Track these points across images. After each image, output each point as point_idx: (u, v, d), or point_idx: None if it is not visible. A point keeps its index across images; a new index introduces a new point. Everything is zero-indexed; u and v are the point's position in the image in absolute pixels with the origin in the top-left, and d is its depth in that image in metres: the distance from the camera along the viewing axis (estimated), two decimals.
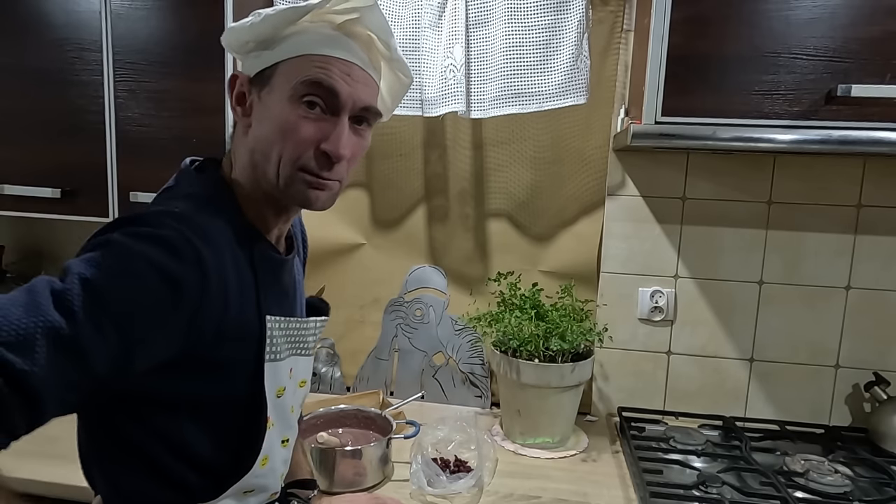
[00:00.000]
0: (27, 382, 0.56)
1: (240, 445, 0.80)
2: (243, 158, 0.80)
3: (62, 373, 0.58)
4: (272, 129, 0.76)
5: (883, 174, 1.42)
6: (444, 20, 1.46)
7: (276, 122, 0.76)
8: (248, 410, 0.79)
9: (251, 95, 0.79)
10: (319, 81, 0.75)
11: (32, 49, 1.40)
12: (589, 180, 1.56)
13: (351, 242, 1.69)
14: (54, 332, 0.57)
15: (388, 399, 1.55)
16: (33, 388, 0.56)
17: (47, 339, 0.57)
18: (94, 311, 0.60)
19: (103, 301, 0.61)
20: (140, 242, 0.65)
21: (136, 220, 0.68)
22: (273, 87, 0.77)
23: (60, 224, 1.50)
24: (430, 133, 1.61)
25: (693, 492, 1.16)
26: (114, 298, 0.61)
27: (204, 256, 0.68)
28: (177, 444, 0.75)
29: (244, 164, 0.80)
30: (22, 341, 0.56)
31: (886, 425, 1.37)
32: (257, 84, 0.78)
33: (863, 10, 1.08)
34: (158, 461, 0.75)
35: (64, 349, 0.58)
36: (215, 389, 0.76)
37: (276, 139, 0.76)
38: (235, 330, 0.75)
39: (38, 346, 0.56)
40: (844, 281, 1.46)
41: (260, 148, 0.77)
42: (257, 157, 0.78)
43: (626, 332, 1.54)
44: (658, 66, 1.14)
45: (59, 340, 0.58)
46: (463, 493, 1.15)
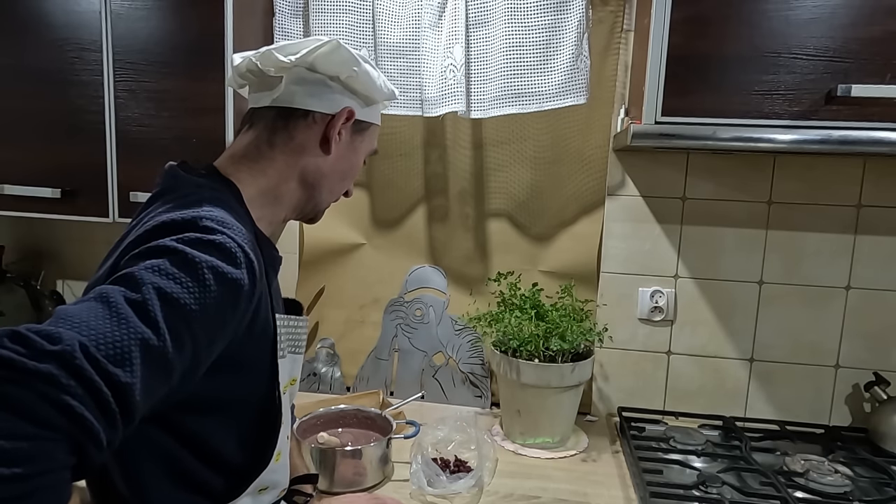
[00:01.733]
0: (131, 395, 0.55)
1: (258, 442, 0.81)
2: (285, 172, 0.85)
3: (151, 384, 0.58)
4: (346, 170, 0.90)
5: (883, 174, 1.42)
6: (444, 20, 1.46)
7: (352, 165, 0.91)
8: (264, 407, 0.81)
9: (344, 131, 0.88)
10: (375, 151, 0.97)
11: (32, 49, 1.40)
12: (589, 180, 1.56)
13: (351, 242, 1.69)
14: (146, 344, 0.57)
15: (388, 399, 1.55)
16: (134, 400, 0.56)
17: (141, 351, 0.57)
18: (174, 321, 0.60)
19: (181, 311, 0.61)
20: (195, 248, 0.65)
21: (179, 226, 0.68)
22: (363, 139, 0.92)
23: (60, 224, 1.50)
24: (430, 133, 1.61)
25: (693, 492, 1.16)
26: (189, 308, 0.62)
27: (252, 259, 0.70)
28: (201, 445, 0.76)
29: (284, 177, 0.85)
30: (121, 354, 0.55)
31: (886, 425, 1.37)
32: (353, 126, 0.89)
33: (863, 10, 1.08)
34: (183, 464, 0.75)
35: (154, 361, 0.58)
36: (239, 388, 0.77)
37: (347, 178, 0.92)
38: (260, 331, 0.77)
39: (135, 358, 0.56)
40: (844, 281, 1.46)
41: (328, 176, 0.88)
42: (318, 180, 0.88)
43: (626, 332, 1.54)
44: (658, 66, 1.14)
45: (151, 352, 0.58)
46: (463, 493, 1.15)
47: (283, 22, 1.53)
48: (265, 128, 0.85)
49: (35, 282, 1.77)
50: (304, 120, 0.84)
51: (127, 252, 0.67)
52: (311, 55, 0.80)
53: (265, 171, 0.84)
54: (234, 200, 0.81)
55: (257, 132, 0.85)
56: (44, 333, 0.52)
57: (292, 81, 0.83)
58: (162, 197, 0.79)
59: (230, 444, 0.78)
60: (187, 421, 0.75)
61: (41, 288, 1.77)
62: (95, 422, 0.52)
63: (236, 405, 0.78)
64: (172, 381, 0.62)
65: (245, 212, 0.81)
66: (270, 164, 0.84)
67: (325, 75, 0.83)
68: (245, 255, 0.69)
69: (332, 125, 0.85)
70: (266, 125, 0.85)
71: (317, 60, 0.81)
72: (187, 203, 0.74)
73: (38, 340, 0.52)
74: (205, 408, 0.75)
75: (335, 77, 0.84)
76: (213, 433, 0.77)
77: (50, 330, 0.53)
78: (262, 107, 0.86)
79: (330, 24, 1.49)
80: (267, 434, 0.81)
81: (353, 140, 0.89)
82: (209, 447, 0.77)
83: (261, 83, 0.85)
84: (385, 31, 1.49)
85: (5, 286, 1.73)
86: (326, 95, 0.84)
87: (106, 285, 0.60)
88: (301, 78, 0.83)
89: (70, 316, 0.56)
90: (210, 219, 0.69)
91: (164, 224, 0.68)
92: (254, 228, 0.81)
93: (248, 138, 0.85)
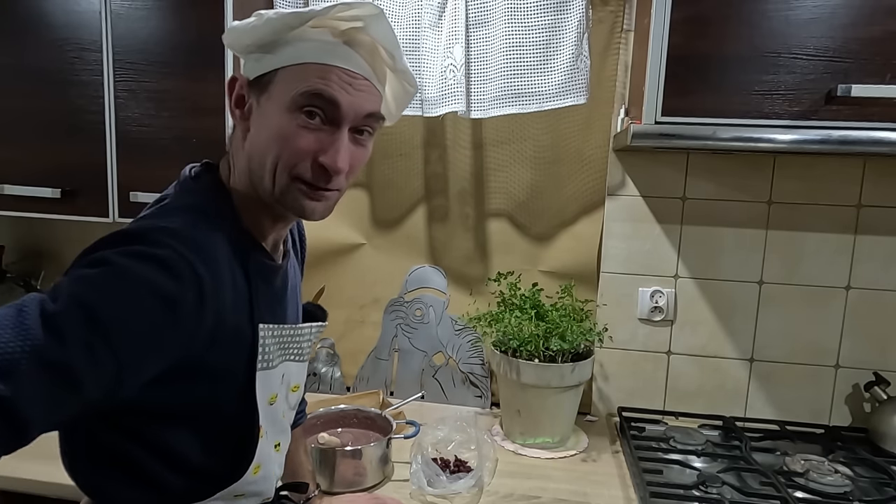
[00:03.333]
0: (8, 409, 0.53)
1: (231, 453, 0.79)
2: (241, 163, 0.79)
3: (50, 396, 0.56)
4: (269, 137, 0.74)
5: (883, 174, 1.42)
6: (444, 20, 1.46)
7: (273, 131, 0.74)
8: (239, 419, 0.79)
9: (250, 99, 0.77)
10: (320, 92, 0.73)
11: (32, 49, 1.40)
12: (589, 180, 1.56)
13: (351, 242, 1.69)
14: (42, 356, 0.55)
15: (388, 399, 1.55)
16: (16, 414, 0.54)
17: (34, 363, 0.55)
18: (85, 333, 0.58)
19: (96, 323, 0.58)
20: (134, 261, 0.63)
21: (129, 238, 0.66)
22: (272, 94, 0.75)
23: (60, 224, 1.50)
24: (430, 133, 1.61)
25: (693, 492, 1.16)
26: (108, 320, 0.59)
27: (200, 273, 0.67)
28: (164, 451, 0.75)
29: (242, 170, 0.79)
30: (6, 366, 0.54)
31: (886, 425, 1.37)
32: (256, 88, 0.76)
33: (863, 10, 1.08)
34: (144, 466, 0.75)
35: (52, 372, 0.56)
36: (205, 398, 0.75)
37: (273, 147, 0.74)
38: (229, 341, 0.74)
39: (23, 370, 0.54)
40: (844, 281, 1.46)
41: (257, 155, 0.76)
42: (254, 164, 0.76)
43: (626, 332, 1.54)
44: (658, 66, 1.14)
45: (48, 364, 0.55)
46: (463, 493, 1.15)
47: None
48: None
49: (35, 282, 1.77)
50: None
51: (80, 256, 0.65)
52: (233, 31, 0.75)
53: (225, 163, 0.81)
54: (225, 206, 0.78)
55: None
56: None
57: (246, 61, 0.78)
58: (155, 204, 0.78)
59: (196, 451, 0.76)
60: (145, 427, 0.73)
61: (41, 288, 1.76)
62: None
63: (202, 415, 0.76)
64: (89, 393, 0.59)
65: (233, 217, 0.78)
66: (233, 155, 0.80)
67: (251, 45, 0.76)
68: (190, 267, 0.66)
69: (229, 100, 0.78)
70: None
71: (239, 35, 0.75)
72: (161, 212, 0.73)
73: None
74: (165, 416, 0.73)
75: (252, 44, 0.75)
76: (176, 440, 0.75)
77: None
78: None
79: None
80: (242, 447, 0.79)
81: (261, 105, 0.76)
82: (171, 452, 0.75)
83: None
84: None
85: (5, 286, 1.73)
86: (247, 66, 0.77)
87: (35, 293, 0.59)
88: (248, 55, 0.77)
89: None
90: (163, 230, 0.67)
91: (113, 235, 0.66)
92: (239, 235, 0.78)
93: None
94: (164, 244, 0.65)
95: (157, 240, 0.66)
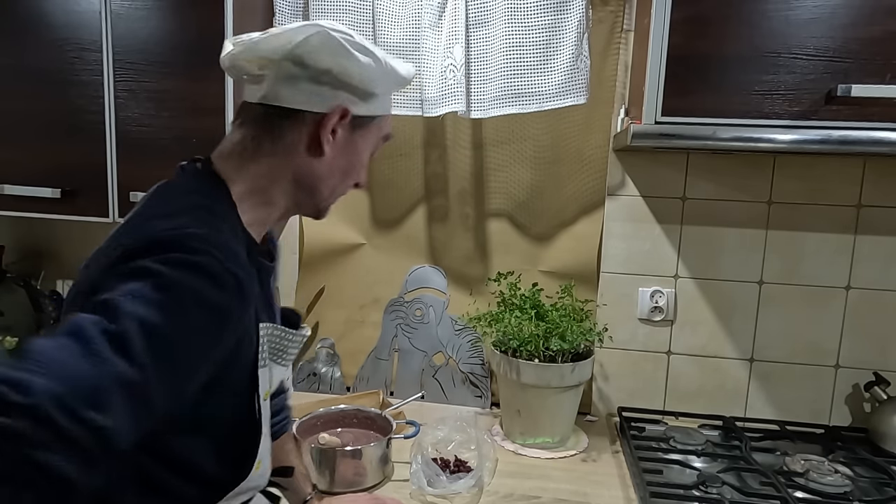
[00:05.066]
0: (110, 438, 0.53)
1: (239, 455, 0.79)
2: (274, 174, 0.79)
3: (137, 419, 0.56)
4: (346, 167, 0.82)
5: (883, 174, 1.42)
6: (444, 20, 1.46)
7: (353, 162, 0.82)
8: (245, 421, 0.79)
9: (341, 129, 0.79)
10: (388, 138, 0.87)
11: (32, 49, 1.40)
12: (589, 180, 1.56)
13: (351, 242, 1.69)
14: (123, 380, 0.55)
15: (388, 399, 1.55)
16: (118, 443, 0.54)
17: (120, 388, 0.55)
18: (154, 353, 0.57)
19: (161, 342, 0.59)
20: (180, 272, 0.62)
21: (165, 246, 0.64)
22: (366, 133, 0.82)
23: (60, 224, 1.50)
24: (430, 133, 1.61)
25: (693, 492, 1.16)
26: (169, 336, 0.59)
27: (241, 280, 0.67)
28: (178, 461, 0.74)
29: (274, 179, 0.79)
30: (99, 396, 0.53)
31: (886, 425, 1.37)
32: (351, 122, 0.80)
33: (863, 10, 1.08)
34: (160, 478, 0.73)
35: (135, 397, 0.56)
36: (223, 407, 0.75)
37: (348, 175, 0.83)
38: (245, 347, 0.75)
39: (114, 398, 0.54)
40: (844, 281, 1.46)
41: (325, 178, 0.81)
42: (314, 183, 0.81)
43: (626, 332, 1.54)
44: (658, 66, 1.14)
45: (131, 389, 0.55)
46: (463, 493, 1.15)
47: (282, 22, 1.53)
48: (253, 126, 0.78)
49: (35, 282, 1.77)
50: (291, 120, 0.77)
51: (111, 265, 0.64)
52: (297, 49, 0.73)
53: (253, 173, 0.78)
54: (226, 205, 0.77)
55: (245, 130, 0.79)
56: (13, 381, 0.50)
57: (278, 77, 0.75)
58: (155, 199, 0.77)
59: (210, 459, 0.76)
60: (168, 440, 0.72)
61: (41, 288, 1.77)
62: (72, 471, 0.50)
63: (219, 422, 0.76)
64: (159, 410, 0.59)
65: (236, 217, 0.77)
66: (257, 167, 0.78)
67: (314, 69, 0.75)
68: (233, 276, 0.66)
69: (323, 125, 0.77)
70: (254, 124, 0.78)
71: (305, 54, 0.73)
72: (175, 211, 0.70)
73: (6, 392, 0.49)
74: (188, 428, 0.73)
75: (326, 71, 0.75)
76: (193, 450, 0.74)
77: (20, 377, 0.50)
78: (252, 102, 0.79)
79: None
80: (247, 446, 0.80)
81: (352, 136, 0.80)
82: (186, 462, 0.74)
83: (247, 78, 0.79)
84: (385, 31, 1.49)
85: (5, 286, 1.73)
86: (316, 92, 0.76)
87: (83, 315, 0.57)
88: (288, 73, 0.75)
89: (43, 356, 0.53)
90: (196, 237, 0.65)
91: (149, 241, 0.65)
92: (245, 237, 0.77)
93: (238, 136, 0.80)
94: (202, 251, 0.65)
95: (194, 247, 0.65)
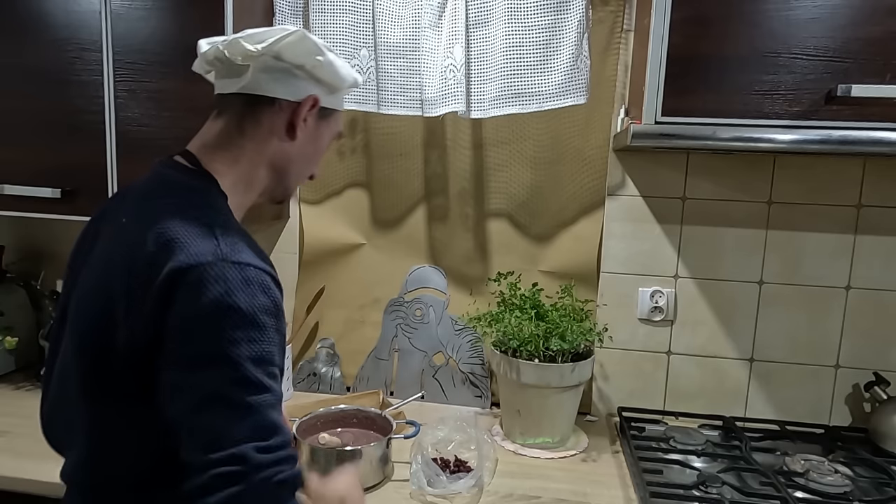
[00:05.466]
0: (288, 442, 0.72)
1: None
2: (255, 158, 0.88)
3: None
4: (313, 152, 0.93)
5: (883, 174, 1.42)
6: (444, 20, 1.46)
7: (317, 149, 0.94)
8: None
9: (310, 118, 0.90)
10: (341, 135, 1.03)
11: (32, 49, 1.40)
12: (589, 180, 1.56)
13: (351, 242, 1.69)
14: (271, 404, 0.71)
15: (388, 399, 1.55)
16: (289, 440, 0.72)
17: (274, 411, 0.71)
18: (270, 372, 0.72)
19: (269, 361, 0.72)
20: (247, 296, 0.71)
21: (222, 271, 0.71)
22: (328, 125, 0.94)
23: (60, 224, 1.50)
24: (430, 133, 1.61)
25: (693, 492, 1.16)
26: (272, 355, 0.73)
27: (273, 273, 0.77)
28: None
29: (255, 164, 0.88)
30: (268, 429, 0.70)
31: (886, 425, 1.37)
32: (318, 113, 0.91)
33: (863, 10, 1.08)
34: None
35: (279, 406, 0.72)
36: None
37: (311, 161, 0.95)
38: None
39: (275, 420, 0.71)
40: (844, 281, 1.46)
41: (295, 161, 0.91)
42: (286, 165, 0.90)
43: (626, 332, 1.54)
44: (658, 66, 1.14)
45: (275, 405, 0.72)
46: (463, 493, 1.15)
47: (282, 22, 1.53)
48: (234, 115, 0.86)
49: (35, 282, 1.77)
50: (270, 107, 0.86)
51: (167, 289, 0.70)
52: (277, 44, 0.82)
53: (238, 160, 0.86)
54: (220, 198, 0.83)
55: (226, 120, 0.87)
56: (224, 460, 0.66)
57: (259, 69, 0.84)
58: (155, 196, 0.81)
59: None
60: None
61: (41, 288, 1.77)
62: (290, 473, 0.70)
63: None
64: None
65: (228, 208, 0.83)
66: (241, 152, 0.86)
67: (290, 64, 0.85)
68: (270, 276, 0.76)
69: (297, 112, 0.87)
70: (234, 113, 0.86)
71: (283, 49, 0.83)
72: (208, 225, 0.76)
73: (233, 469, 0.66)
74: None
75: (301, 66, 0.85)
76: None
77: (226, 456, 0.66)
78: (229, 93, 0.87)
79: (330, 23, 1.49)
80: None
81: (318, 126, 0.92)
82: None
83: (227, 70, 0.86)
84: (385, 31, 1.49)
85: (5, 286, 1.73)
86: (292, 83, 0.86)
87: (213, 380, 0.68)
88: (267, 66, 0.84)
89: (222, 431, 0.67)
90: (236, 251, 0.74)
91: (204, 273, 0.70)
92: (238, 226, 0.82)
93: (218, 126, 0.87)
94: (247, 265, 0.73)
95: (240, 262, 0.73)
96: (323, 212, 1.69)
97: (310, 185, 1.68)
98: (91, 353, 0.76)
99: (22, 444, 1.30)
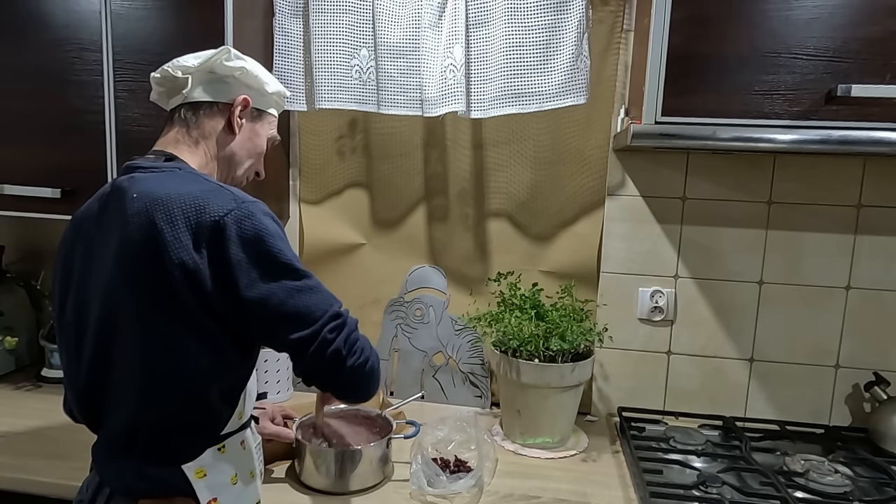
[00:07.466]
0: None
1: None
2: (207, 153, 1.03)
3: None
4: (251, 148, 1.09)
5: (883, 174, 1.42)
6: (444, 20, 1.46)
7: (256, 146, 1.10)
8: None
9: (245, 118, 1.06)
10: (276, 140, 1.15)
11: (32, 49, 1.40)
12: (589, 180, 1.56)
13: (351, 242, 1.69)
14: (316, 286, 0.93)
15: (388, 399, 1.55)
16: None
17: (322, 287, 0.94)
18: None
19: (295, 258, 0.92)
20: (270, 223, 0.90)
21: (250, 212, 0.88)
22: (262, 125, 1.10)
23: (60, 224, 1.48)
24: (430, 133, 1.61)
25: (693, 492, 1.16)
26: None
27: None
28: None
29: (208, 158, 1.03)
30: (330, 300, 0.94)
31: (886, 425, 1.37)
32: (251, 113, 1.07)
33: (863, 10, 1.08)
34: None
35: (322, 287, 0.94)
36: None
37: (250, 156, 1.09)
38: None
39: (325, 291, 0.94)
40: (844, 281, 1.46)
41: (238, 153, 1.07)
42: (231, 157, 1.06)
43: (626, 332, 1.54)
44: (658, 66, 1.14)
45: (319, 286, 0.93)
46: (463, 493, 1.15)
47: (283, 22, 1.53)
48: (182, 121, 1.03)
49: (35, 282, 1.77)
50: (210, 109, 1.03)
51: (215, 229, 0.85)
52: (209, 61, 1.00)
53: (195, 153, 1.02)
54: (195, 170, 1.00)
55: (177, 126, 1.03)
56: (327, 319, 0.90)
57: (197, 82, 1.01)
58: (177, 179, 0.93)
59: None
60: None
61: (41, 288, 1.77)
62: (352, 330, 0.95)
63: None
64: None
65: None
66: (197, 145, 1.03)
67: (222, 75, 1.02)
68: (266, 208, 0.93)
69: (232, 111, 1.04)
70: (182, 119, 1.03)
71: (214, 65, 1.01)
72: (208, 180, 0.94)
73: (333, 324, 0.91)
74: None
75: (230, 75, 1.03)
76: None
77: (327, 316, 0.90)
78: (176, 106, 1.03)
79: (330, 24, 1.49)
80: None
81: (253, 124, 1.08)
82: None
83: (172, 87, 1.03)
84: (385, 31, 1.49)
85: (5, 286, 1.73)
86: (225, 89, 1.03)
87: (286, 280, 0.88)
88: (203, 79, 1.02)
89: (313, 306, 0.89)
90: (243, 195, 0.91)
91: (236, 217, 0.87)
92: None
93: (172, 133, 1.03)
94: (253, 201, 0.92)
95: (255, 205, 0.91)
96: (323, 212, 1.69)
97: (310, 186, 1.68)
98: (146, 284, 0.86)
99: (22, 444, 1.30)
